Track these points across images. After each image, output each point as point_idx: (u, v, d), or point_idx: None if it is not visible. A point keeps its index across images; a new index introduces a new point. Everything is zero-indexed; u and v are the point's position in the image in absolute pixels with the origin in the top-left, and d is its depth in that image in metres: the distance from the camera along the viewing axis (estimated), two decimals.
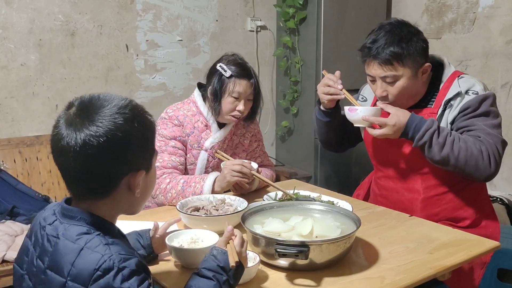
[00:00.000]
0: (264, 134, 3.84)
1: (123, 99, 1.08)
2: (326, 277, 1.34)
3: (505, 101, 3.28)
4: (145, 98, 3.38)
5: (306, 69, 3.60)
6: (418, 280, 1.34)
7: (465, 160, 1.74)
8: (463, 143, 1.74)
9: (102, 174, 1.04)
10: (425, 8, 3.67)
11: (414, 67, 1.82)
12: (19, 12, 2.88)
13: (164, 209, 1.93)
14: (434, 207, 1.88)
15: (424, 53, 1.86)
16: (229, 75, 2.03)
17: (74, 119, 1.03)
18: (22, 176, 2.77)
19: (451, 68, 1.93)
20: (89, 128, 1.01)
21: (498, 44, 3.28)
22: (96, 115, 1.02)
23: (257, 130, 2.27)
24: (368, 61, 1.87)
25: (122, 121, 1.03)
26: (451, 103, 1.85)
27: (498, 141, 1.78)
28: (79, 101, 1.07)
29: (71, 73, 3.09)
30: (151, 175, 1.15)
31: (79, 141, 1.01)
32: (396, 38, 1.81)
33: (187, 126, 2.10)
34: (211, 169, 2.13)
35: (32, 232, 1.14)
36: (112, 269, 0.98)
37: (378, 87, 1.87)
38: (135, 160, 1.07)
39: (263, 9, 3.80)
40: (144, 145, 1.08)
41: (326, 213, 1.58)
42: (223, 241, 1.22)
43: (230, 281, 1.15)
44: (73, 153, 1.02)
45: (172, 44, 3.45)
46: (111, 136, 1.01)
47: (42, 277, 1.05)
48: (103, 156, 1.02)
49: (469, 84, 1.85)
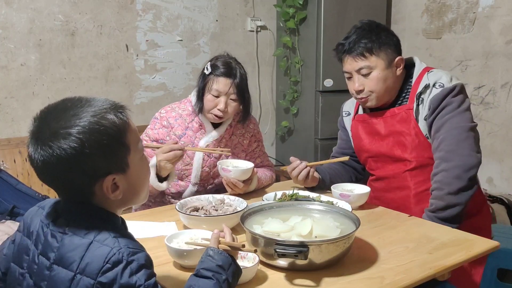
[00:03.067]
0: (264, 134, 3.84)
1: (78, 106, 1.06)
2: (326, 277, 1.34)
3: (505, 101, 3.28)
4: (145, 98, 3.38)
5: (306, 69, 3.60)
6: (417, 280, 1.34)
7: (456, 194, 1.79)
8: (441, 188, 1.80)
9: (72, 187, 1.07)
10: (425, 8, 3.66)
11: (386, 58, 1.92)
12: (19, 12, 2.88)
13: (164, 209, 1.93)
14: (426, 202, 1.90)
15: (396, 48, 1.96)
16: (208, 73, 2.04)
17: (32, 137, 1.05)
18: (22, 176, 2.77)
19: (422, 65, 2.00)
20: (44, 149, 1.02)
21: (498, 44, 3.28)
22: (51, 136, 1.02)
23: (256, 130, 2.26)
24: (343, 57, 1.99)
25: (73, 137, 1.01)
26: (422, 97, 1.92)
27: (464, 131, 1.83)
28: (38, 116, 1.07)
29: (71, 73, 3.09)
30: (133, 172, 1.11)
31: (39, 161, 1.03)
32: (366, 32, 1.93)
33: (178, 128, 2.09)
34: (208, 168, 2.12)
35: (30, 231, 1.14)
36: (121, 262, 0.99)
37: (355, 81, 1.96)
38: (97, 168, 1.05)
39: (263, 9, 3.80)
40: (106, 150, 1.05)
41: (325, 213, 1.58)
42: (215, 242, 1.22)
43: (229, 280, 1.15)
44: (40, 172, 1.06)
45: (172, 44, 3.45)
46: (65, 154, 1.01)
47: (46, 273, 1.05)
48: (63, 172, 1.03)
49: (437, 77, 1.92)
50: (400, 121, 1.97)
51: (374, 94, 1.95)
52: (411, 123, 1.94)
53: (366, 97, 1.97)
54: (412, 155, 1.95)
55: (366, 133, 2.08)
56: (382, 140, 2.02)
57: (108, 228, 1.06)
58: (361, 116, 2.11)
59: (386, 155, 2.02)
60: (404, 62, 1.97)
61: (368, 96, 1.96)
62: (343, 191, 1.86)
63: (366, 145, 2.08)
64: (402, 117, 1.96)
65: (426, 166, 1.94)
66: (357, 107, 2.15)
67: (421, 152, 1.94)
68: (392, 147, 1.99)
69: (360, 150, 2.13)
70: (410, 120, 1.94)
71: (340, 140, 2.28)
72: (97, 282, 0.98)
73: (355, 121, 2.14)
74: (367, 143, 2.07)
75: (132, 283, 0.98)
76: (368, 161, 2.12)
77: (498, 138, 3.32)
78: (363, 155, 2.13)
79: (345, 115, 2.21)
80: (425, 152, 1.93)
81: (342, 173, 2.18)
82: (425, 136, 1.92)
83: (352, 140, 2.17)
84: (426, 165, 1.94)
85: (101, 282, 0.98)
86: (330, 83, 3.49)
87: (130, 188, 1.12)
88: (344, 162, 2.20)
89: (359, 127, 2.11)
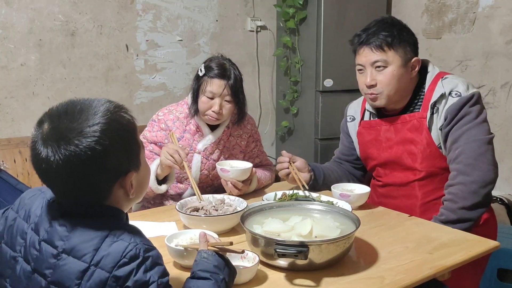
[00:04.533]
0: (264, 134, 3.84)
1: (94, 106, 1.05)
2: (326, 277, 1.34)
3: (505, 101, 3.28)
4: (145, 98, 3.38)
5: (306, 69, 3.60)
6: (417, 280, 1.34)
7: (470, 209, 1.77)
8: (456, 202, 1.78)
9: (91, 188, 1.05)
10: (425, 8, 3.66)
11: (404, 56, 1.86)
12: (19, 12, 2.88)
13: (164, 209, 1.93)
14: (432, 212, 1.88)
15: (414, 47, 1.90)
16: (202, 74, 2.03)
17: (49, 138, 1.02)
18: (22, 176, 2.76)
19: (435, 70, 1.94)
20: (67, 148, 1.00)
21: (498, 44, 3.28)
22: (70, 133, 1.01)
23: (254, 131, 2.25)
24: (359, 48, 1.90)
25: (98, 133, 1.01)
26: (437, 107, 1.86)
27: (483, 144, 1.80)
28: (49, 118, 1.05)
29: (71, 73, 3.09)
30: (142, 170, 1.14)
31: (60, 162, 1.00)
32: (387, 25, 1.86)
33: (176, 131, 2.08)
34: (207, 171, 2.12)
35: (28, 214, 1.12)
36: (138, 258, 0.99)
37: (367, 75, 1.88)
38: (120, 166, 1.06)
39: (263, 9, 3.80)
40: (126, 148, 1.07)
41: (325, 213, 1.58)
42: (204, 244, 1.23)
43: (226, 279, 1.15)
44: (56, 174, 1.02)
45: (172, 44, 3.45)
46: (90, 152, 1.00)
47: (51, 261, 1.04)
48: (87, 171, 1.02)
49: (452, 85, 1.86)
50: (411, 129, 1.91)
51: (385, 92, 1.87)
52: (423, 132, 1.88)
53: (376, 93, 1.89)
54: (422, 165, 1.90)
55: (374, 140, 2.02)
56: (391, 148, 1.96)
57: (120, 223, 1.07)
58: (368, 123, 2.04)
59: (395, 162, 1.97)
60: (420, 64, 1.91)
61: (378, 93, 1.88)
62: (343, 191, 1.86)
63: (374, 153, 2.02)
64: (414, 125, 1.90)
65: (435, 176, 1.90)
66: (363, 112, 2.08)
67: (432, 162, 1.89)
68: (401, 155, 1.94)
69: (367, 158, 2.08)
70: (422, 129, 1.88)
71: (342, 146, 2.22)
72: (112, 276, 0.98)
73: (361, 127, 2.07)
74: (374, 151, 2.02)
75: (146, 280, 0.99)
76: (376, 168, 2.06)
77: (498, 138, 3.30)
78: (371, 163, 2.07)
79: (350, 120, 2.13)
80: (436, 162, 1.89)
81: (340, 176, 2.13)
82: (438, 146, 1.87)
83: (357, 147, 2.12)
84: (435, 175, 1.90)
85: (116, 276, 0.98)
86: (330, 83, 3.49)
87: (138, 186, 1.13)
88: (343, 167, 2.17)
89: (366, 134, 2.04)
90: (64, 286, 1.02)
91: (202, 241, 1.24)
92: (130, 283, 0.98)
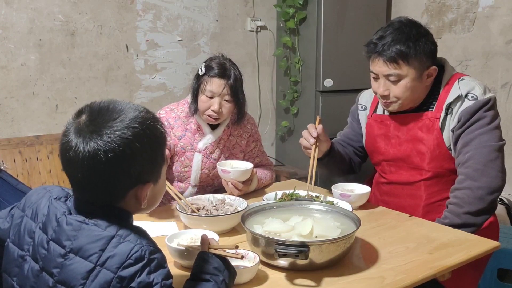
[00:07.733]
0: (264, 134, 3.84)
1: (134, 109, 1.07)
2: (326, 277, 1.34)
3: (505, 101, 3.28)
4: (145, 98, 3.38)
5: (306, 69, 3.60)
6: (418, 280, 1.34)
7: (475, 215, 1.76)
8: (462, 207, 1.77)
9: (108, 187, 1.05)
10: (425, 8, 3.66)
11: (419, 68, 1.81)
12: (19, 12, 2.88)
13: (164, 209, 1.93)
14: (435, 213, 1.88)
15: (432, 56, 1.84)
16: (202, 74, 2.03)
17: (83, 129, 1.03)
18: (22, 176, 2.76)
19: (452, 71, 1.92)
20: (98, 142, 1.01)
21: (498, 44, 3.28)
22: (105, 129, 1.02)
23: (254, 130, 2.25)
24: (373, 57, 1.85)
25: (131, 136, 1.03)
26: (452, 108, 1.84)
27: (494, 150, 1.78)
28: (89, 110, 1.07)
29: (71, 73, 3.09)
30: (160, 184, 1.15)
31: (87, 153, 1.01)
32: (404, 37, 1.79)
33: (178, 129, 2.09)
34: (207, 170, 2.12)
35: (35, 212, 1.13)
36: (143, 260, 1.00)
37: (381, 85, 1.86)
38: (142, 174, 1.07)
39: (263, 9, 3.80)
40: (152, 159, 1.09)
41: (326, 213, 1.58)
42: (205, 246, 1.23)
43: (226, 281, 1.16)
44: (80, 165, 1.02)
45: (172, 44, 3.45)
46: (119, 152, 1.01)
47: (59, 260, 1.04)
48: (110, 170, 1.02)
49: (469, 87, 1.84)
50: (423, 128, 1.89)
51: (399, 101, 1.86)
52: (434, 132, 1.86)
53: (390, 102, 1.88)
54: (430, 165, 1.89)
55: (383, 135, 2.00)
56: (400, 145, 1.95)
57: (127, 224, 1.08)
58: (379, 117, 2.02)
59: (403, 160, 1.95)
60: (436, 71, 1.87)
61: (392, 102, 1.87)
62: (344, 191, 1.86)
63: (382, 148, 2.01)
64: (425, 125, 1.88)
65: (442, 177, 1.89)
66: (375, 105, 2.06)
67: (440, 163, 1.88)
68: (410, 153, 1.93)
69: (374, 152, 2.06)
70: (433, 129, 1.87)
71: (349, 130, 2.18)
72: (117, 276, 0.99)
73: (372, 119, 2.05)
74: (382, 146, 2.00)
75: (150, 281, 0.99)
76: (382, 164, 2.05)
77: None
78: (377, 158, 2.06)
79: (361, 108, 2.11)
80: (444, 163, 1.88)
81: (342, 158, 2.09)
82: (448, 147, 1.86)
83: (364, 138, 2.10)
84: (442, 176, 1.89)
85: (120, 277, 0.99)
86: (330, 83, 3.49)
87: (152, 198, 1.14)
88: (346, 150, 2.14)
89: (376, 127, 2.03)
90: (70, 285, 1.02)
91: (204, 242, 1.24)
92: (134, 284, 0.99)
